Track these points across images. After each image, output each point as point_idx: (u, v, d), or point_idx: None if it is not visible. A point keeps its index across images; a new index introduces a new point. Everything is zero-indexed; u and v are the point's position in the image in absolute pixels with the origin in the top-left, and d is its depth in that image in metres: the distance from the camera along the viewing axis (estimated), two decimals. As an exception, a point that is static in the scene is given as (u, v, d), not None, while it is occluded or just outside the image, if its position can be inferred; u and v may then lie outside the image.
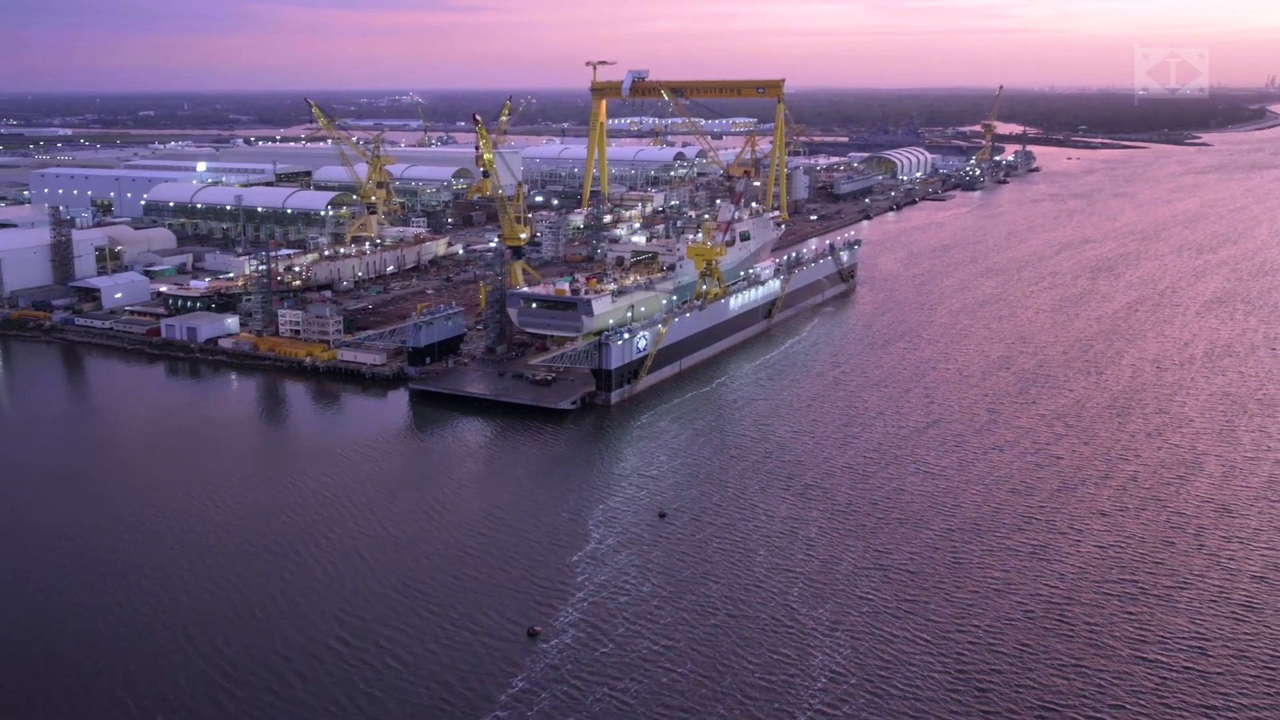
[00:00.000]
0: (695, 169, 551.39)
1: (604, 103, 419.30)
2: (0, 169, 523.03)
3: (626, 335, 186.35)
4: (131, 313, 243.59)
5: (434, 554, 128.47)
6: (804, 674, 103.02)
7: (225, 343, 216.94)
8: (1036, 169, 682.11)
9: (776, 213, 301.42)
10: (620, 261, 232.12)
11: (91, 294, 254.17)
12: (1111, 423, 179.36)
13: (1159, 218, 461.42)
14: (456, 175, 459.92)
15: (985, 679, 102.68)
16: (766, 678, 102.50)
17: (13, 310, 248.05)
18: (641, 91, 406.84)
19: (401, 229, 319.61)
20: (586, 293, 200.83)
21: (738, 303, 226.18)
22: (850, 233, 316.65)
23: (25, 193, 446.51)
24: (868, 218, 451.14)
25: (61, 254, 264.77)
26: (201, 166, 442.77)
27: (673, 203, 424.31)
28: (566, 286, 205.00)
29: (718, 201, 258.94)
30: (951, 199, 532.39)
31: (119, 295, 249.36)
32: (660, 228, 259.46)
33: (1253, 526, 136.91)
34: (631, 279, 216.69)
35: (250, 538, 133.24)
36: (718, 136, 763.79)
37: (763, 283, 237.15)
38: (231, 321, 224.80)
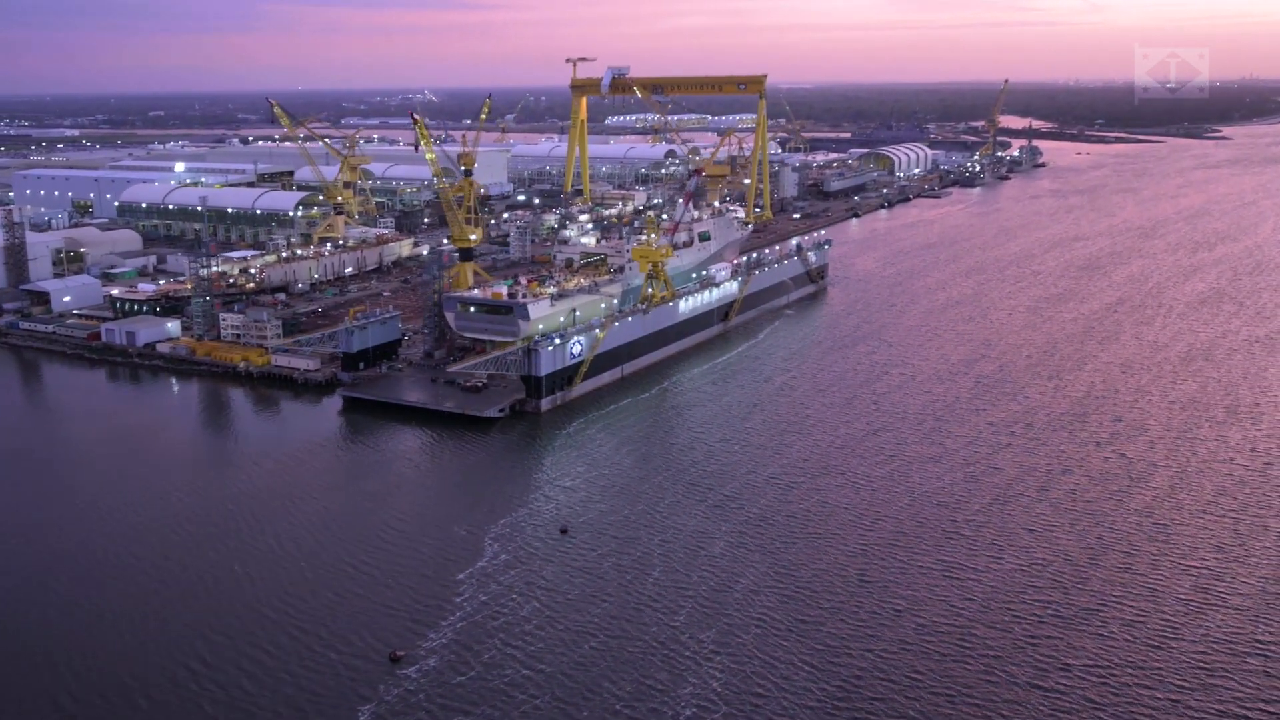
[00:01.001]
0: (689, 166, 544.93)
1: (584, 100, 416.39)
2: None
3: (558, 341, 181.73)
4: (80, 316, 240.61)
5: (319, 569, 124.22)
6: (672, 703, 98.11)
7: (163, 347, 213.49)
8: (1042, 164, 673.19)
9: (740, 212, 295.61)
10: (570, 263, 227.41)
11: (43, 297, 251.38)
12: (1062, 431, 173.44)
13: (1160, 214, 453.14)
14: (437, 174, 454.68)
15: (865, 709, 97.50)
16: (631, 706, 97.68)
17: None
18: (621, 88, 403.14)
19: (364, 230, 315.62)
20: (524, 296, 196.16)
21: (688, 305, 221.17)
22: (821, 232, 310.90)
23: (12, 194, 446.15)
24: (856, 216, 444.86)
25: (15, 256, 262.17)
26: (180, 167, 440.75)
27: (655, 201, 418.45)
28: (504, 290, 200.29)
29: (677, 202, 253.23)
30: (948, 196, 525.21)
31: (68, 298, 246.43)
32: (628, 228, 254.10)
33: (1186, 546, 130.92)
34: (575, 282, 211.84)
35: (137, 551, 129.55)
36: (724, 133, 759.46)
37: (718, 285, 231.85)
38: (172, 325, 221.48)
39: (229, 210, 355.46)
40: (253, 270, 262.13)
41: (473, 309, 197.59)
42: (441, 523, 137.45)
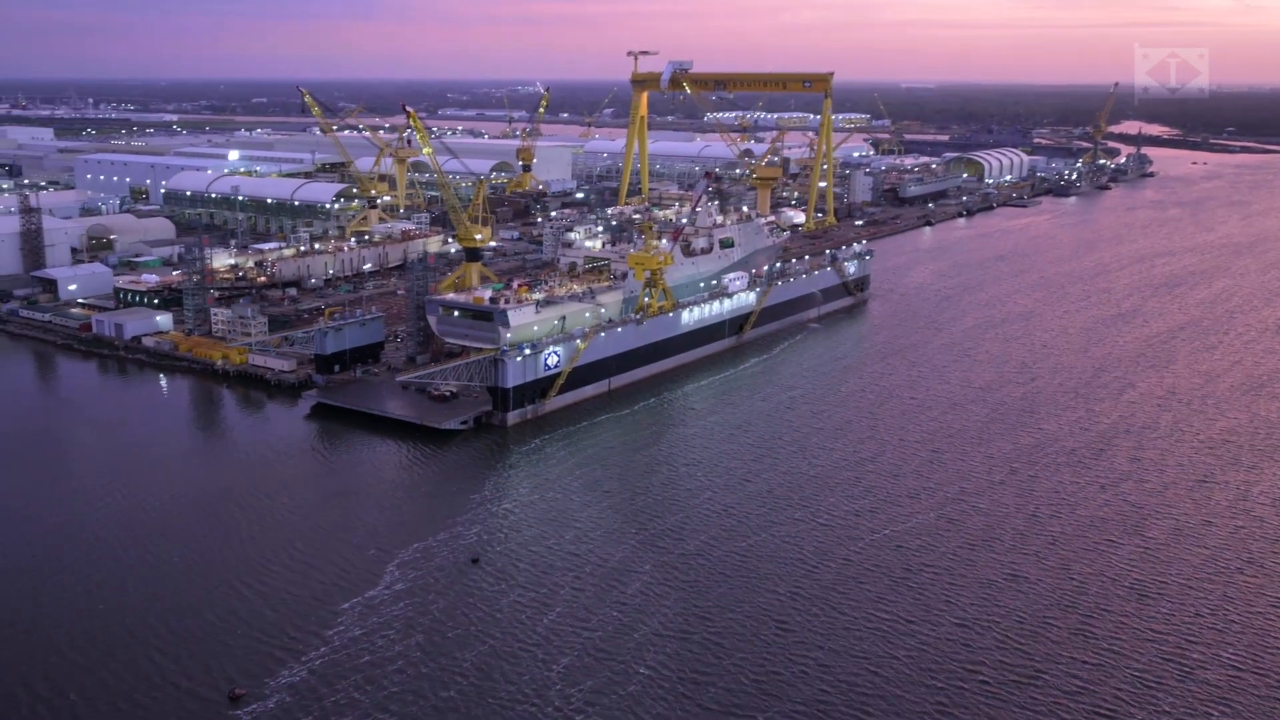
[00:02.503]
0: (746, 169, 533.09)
1: (645, 95, 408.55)
2: (62, 154, 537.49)
3: (528, 351, 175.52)
4: (84, 306, 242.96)
5: (197, 589, 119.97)
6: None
7: (149, 341, 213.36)
8: (1150, 174, 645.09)
9: (772, 218, 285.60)
10: (573, 268, 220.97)
11: (54, 285, 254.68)
12: (1068, 470, 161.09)
13: (1265, 230, 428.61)
14: (495, 169, 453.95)
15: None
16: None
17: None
18: (683, 84, 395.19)
19: (390, 224, 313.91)
20: (508, 302, 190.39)
21: (693, 317, 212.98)
22: (863, 242, 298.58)
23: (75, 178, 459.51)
24: (929, 224, 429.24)
25: (30, 242, 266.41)
26: (234, 155, 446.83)
27: (732, 202, 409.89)
28: (487, 294, 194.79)
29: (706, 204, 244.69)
30: (1037, 205, 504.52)
31: (74, 287, 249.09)
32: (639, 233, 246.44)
33: (1157, 612, 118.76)
34: (568, 288, 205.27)
35: (16, 560, 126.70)
36: (852, 132, 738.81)
37: (730, 295, 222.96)
38: (162, 319, 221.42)
39: (268, 201, 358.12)
40: (265, 264, 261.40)
41: (455, 313, 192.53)
42: (355, 542, 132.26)
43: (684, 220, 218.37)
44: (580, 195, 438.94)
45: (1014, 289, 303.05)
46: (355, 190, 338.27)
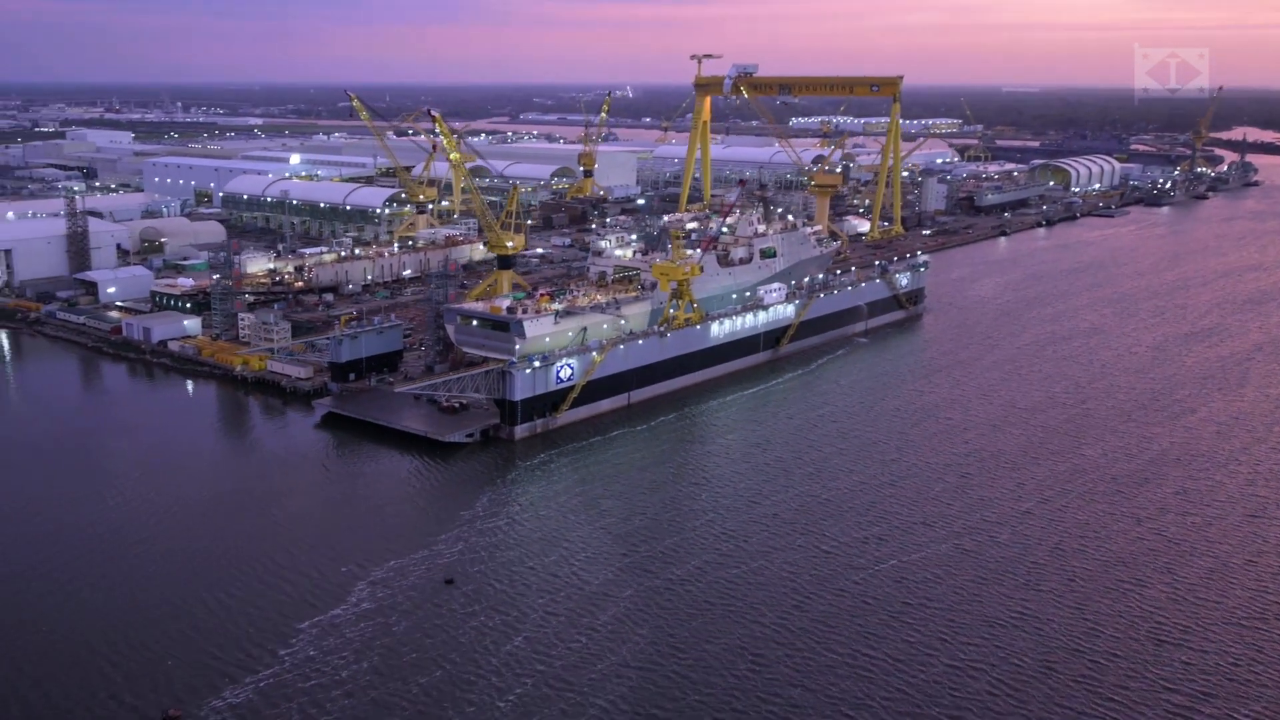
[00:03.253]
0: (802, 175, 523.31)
1: (708, 100, 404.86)
2: (137, 157, 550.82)
3: (537, 363, 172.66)
4: (121, 309, 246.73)
5: (166, 600, 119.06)
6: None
7: (174, 345, 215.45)
8: (1255, 183, 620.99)
9: (817, 228, 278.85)
10: (602, 277, 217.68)
11: (95, 287, 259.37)
12: (1104, 501, 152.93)
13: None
14: (556, 174, 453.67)
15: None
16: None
17: (9, 300, 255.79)
18: (747, 88, 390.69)
19: (433, 230, 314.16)
20: (525, 312, 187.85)
21: (724, 330, 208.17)
22: (918, 253, 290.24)
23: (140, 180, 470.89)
24: (1005, 234, 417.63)
25: (76, 244, 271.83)
26: (295, 159, 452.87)
27: (778, 210, 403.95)
28: (505, 304, 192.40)
29: (747, 213, 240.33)
30: (1125, 215, 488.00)
31: (112, 289, 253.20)
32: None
33: (1178, 662, 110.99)
34: (591, 298, 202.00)
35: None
36: (910, 138, 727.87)
37: (766, 307, 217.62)
38: (190, 323, 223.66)
39: (321, 205, 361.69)
40: (303, 268, 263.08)
41: (474, 323, 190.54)
42: (330, 557, 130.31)
43: (715, 230, 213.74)
44: (640, 202, 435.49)
45: (1083, 304, 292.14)
46: (404, 195, 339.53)
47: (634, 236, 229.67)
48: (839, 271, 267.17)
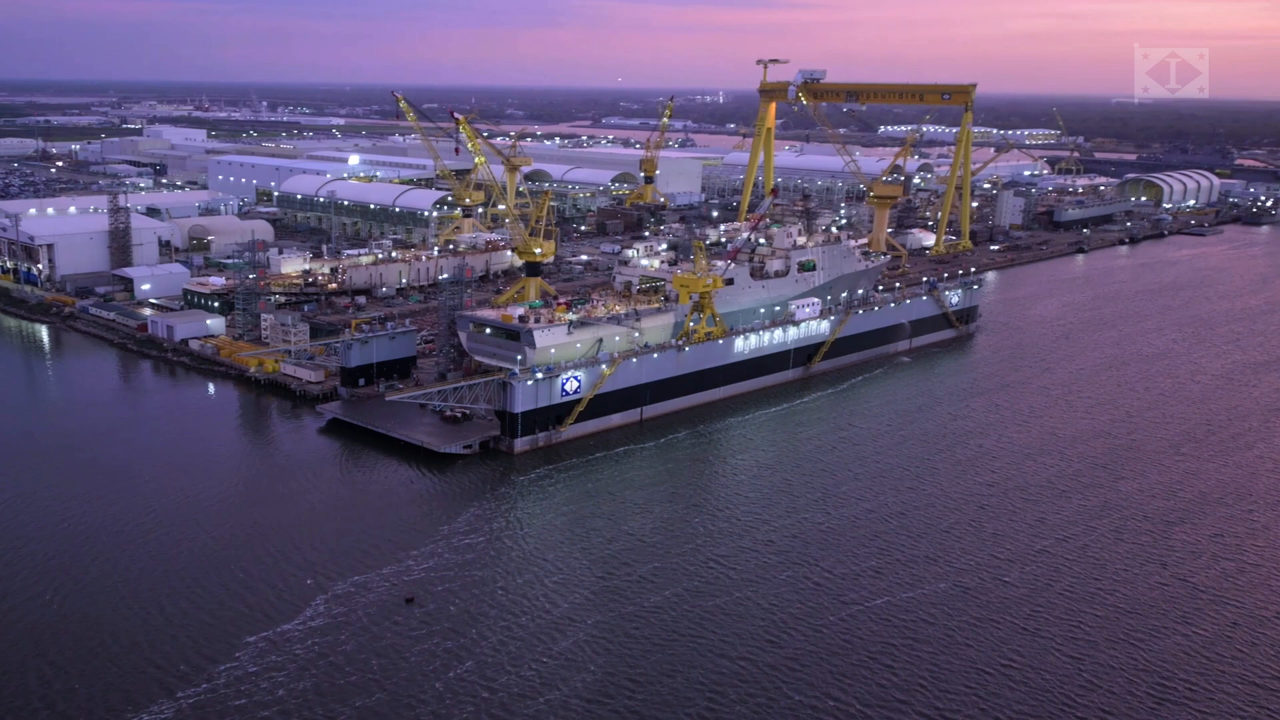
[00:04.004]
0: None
1: (773, 106, 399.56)
2: (210, 154, 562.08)
3: (540, 375, 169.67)
4: (154, 306, 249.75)
5: (121, 607, 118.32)
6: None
7: (194, 344, 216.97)
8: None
9: (863, 241, 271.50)
10: (628, 287, 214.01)
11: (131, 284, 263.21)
12: (1129, 540, 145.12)
13: None
14: (616, 179, 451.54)
15: None
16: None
17: (48, 294, 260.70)
18: (813, 95, 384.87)
19: (475, 234, 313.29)
20: (538, 321, 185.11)
21: (748, 345, 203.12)
22: (972, 269, 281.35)
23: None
24: (1082, 250, 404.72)
25: (119, 240, 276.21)
26: (354, 160, 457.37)
27: (841, 221, 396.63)
28: (518, 312, 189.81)
29: (780, 226, 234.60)
30: (1219, 234, 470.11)
31: (147, 286, 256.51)
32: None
33: None
34: (610, 308, 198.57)
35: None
36: (1003, 149, 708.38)
37: (797, 323, 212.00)
38: (214, 322, 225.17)
39: (371, 206, 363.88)
40: (336, 270, 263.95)
41: (487, 330, 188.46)
42: (298, 568, 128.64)
43: (742, 241, 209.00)
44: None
45: (1153, 327, 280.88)
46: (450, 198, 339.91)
47: (663, 246, 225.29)
48: (882, 288, 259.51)
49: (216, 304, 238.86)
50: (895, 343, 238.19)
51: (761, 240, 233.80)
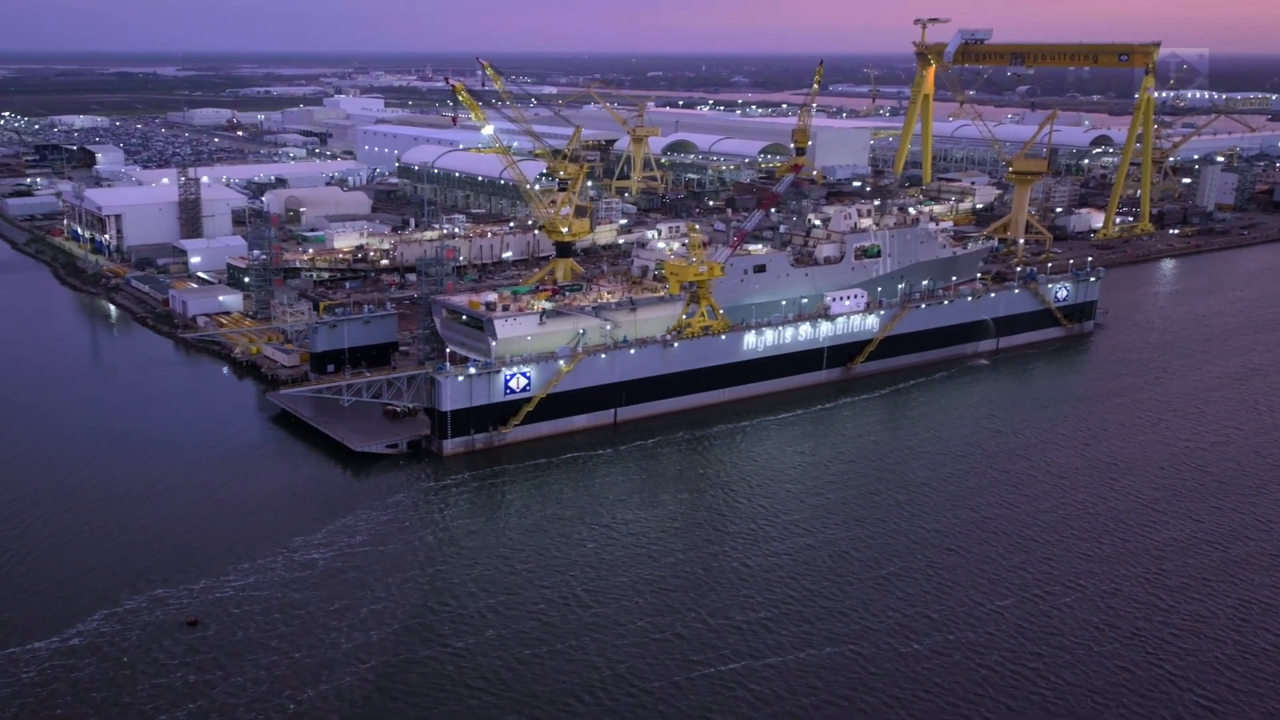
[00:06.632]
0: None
1: (932, 70, 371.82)
2: (378, 123, 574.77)
3: (473, 370, 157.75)
4: (202, 280, 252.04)
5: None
6: None
7: (203, 320, 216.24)
8: None
9: (941, 225, 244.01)
10: (645, 272, 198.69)
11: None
12: (1141, 595, 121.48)
13: None
14: (765, 151, 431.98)
15: None
16: None
17: (106, 265, 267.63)
18: (974, 57, 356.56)
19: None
20: (507, 309, 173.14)
21: (762, 341, 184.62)
22: (1089, 259, 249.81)
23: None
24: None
25: (188, 212, 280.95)
26: (488, 130, 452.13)
27: (1006, 196, 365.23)
28: (488, 298, 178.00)
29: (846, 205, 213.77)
30: None
31: (197, 260, 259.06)
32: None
33: None
34: (600, 296, 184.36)
35: None
36: (1214, 114, 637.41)
37: (831, 317, 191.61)
38: (229, 299, 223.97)
39: (479, 179, 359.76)
40: (387, 246, 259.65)
41: (464, 317, 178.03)
42: (102, 576, 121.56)
43: (752, 222, 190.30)
44: (856, 184, 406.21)
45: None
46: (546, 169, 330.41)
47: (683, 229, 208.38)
48: (980, 277, 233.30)
49: (247, 279, 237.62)
50: (975, 342, 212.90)
51: (816, 222, 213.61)
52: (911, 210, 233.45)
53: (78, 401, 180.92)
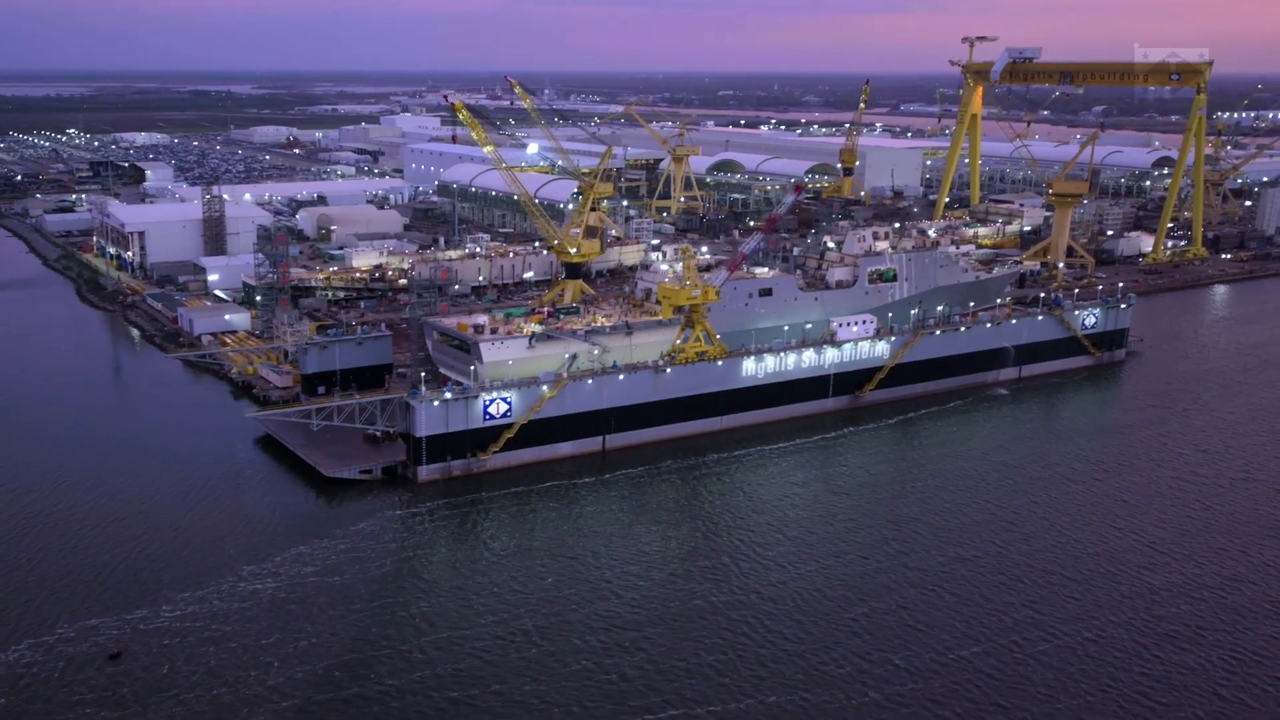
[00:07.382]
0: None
1: (980, 90, 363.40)
2: (433, 141, 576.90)
3: (449, 395, 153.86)
4: (218, 297, 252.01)
5: None
6: None
7: (206, 339, 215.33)
8: None
9: (963, 249, 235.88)
10: (648, 294, 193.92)
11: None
12: (1114, 655, 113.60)
13: None
14: (811, 171, 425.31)
15: None
16: None
17: (125, 282, 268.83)
18: (1022, 76, 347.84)
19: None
20: (495, 333, 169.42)
21: (762, 367, 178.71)
22: (1120, 285, 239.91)
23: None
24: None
25: (212, 229, 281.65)
26: (533, 148, 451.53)
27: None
28: (478, 321, 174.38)
29: (841, 224, 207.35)
30: None
31: (215, 277, 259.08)
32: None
33: None
34: (595, 320, 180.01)
35: None
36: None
37: (838, 344, 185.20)
38: (236, 317, 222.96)
39: (515, 198, 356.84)
40: (406, 265, 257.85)
41: (455, 340, 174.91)
42: (33, 603, 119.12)
43: (753, 246, 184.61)
44: (904, 204, 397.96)
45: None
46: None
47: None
48: (1001, 302, 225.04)
49: (259, 298, 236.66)
50: (995, 370, 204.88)
51: (830, 245, 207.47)
52: (931, 233, 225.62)
53: (63, 423, 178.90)
